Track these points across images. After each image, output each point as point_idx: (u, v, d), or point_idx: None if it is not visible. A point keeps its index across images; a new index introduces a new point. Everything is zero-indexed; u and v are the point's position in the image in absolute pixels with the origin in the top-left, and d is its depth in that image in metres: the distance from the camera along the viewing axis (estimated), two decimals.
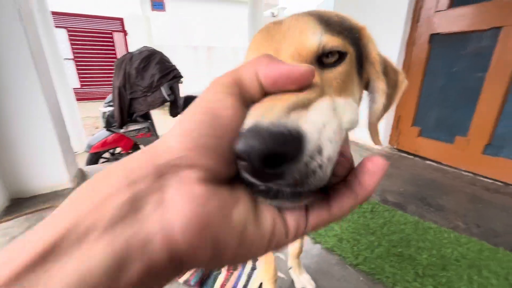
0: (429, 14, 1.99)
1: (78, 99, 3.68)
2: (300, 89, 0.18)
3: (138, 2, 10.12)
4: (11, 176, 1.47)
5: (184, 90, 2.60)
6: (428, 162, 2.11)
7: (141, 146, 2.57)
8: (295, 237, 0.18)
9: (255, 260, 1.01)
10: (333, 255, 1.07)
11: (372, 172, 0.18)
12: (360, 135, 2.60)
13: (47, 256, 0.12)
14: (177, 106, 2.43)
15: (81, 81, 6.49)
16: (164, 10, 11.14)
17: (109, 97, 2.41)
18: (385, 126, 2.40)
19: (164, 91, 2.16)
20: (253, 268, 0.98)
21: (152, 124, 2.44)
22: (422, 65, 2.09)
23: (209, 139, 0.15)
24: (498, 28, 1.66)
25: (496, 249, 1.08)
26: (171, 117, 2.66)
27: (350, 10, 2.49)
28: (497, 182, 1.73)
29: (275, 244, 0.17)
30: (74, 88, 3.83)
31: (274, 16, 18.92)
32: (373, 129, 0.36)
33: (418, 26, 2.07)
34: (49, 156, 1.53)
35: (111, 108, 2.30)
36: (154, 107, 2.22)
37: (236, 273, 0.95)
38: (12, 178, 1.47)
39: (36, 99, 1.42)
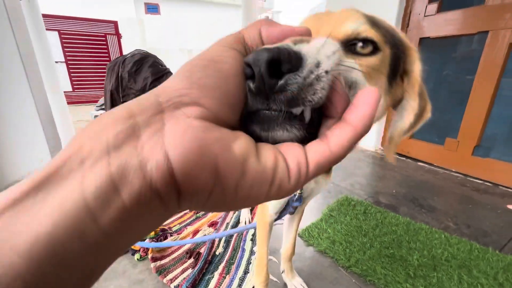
0: (418, 18, 2.04)
1: (70, 103, 3.64)
2: None
3: (132, 5, 10.11)
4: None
5: None
6: (419, 163, 2.14)
7: None
8: (297, 180, 0.16)
9: (249, 263, 1.01)
10: (325, 257, 1.07)
11: (367, 100, 0.17)
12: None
13: (46, 180, 0.12)
14: None
15: (73, 84, 6.41)
16: (159, 13, 11.14)
17: (101, 101, 2.40)
18: (377, 128, 2.42)
19: None
20: (246, 272, 0.98)
21: None
22: None
23: (210, 79, 0.15)
24: (485, 32, 1.70)
25: (486, 249, 1.10)
26: None
27: None
28: (486, 183, 1.76)
29: (278, 186, 0.16)
30: (66, 92, 3.79)
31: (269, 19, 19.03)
32: (392, 144, 0.36)
33: (408, 30, 2.11)
34: (39, 161, 1.50)
35: (102, 112, 2.28)
36: None
37: (228, 277, 0.94)
38: (1, 188, 1.44)
39: (25, 102, 1.40)
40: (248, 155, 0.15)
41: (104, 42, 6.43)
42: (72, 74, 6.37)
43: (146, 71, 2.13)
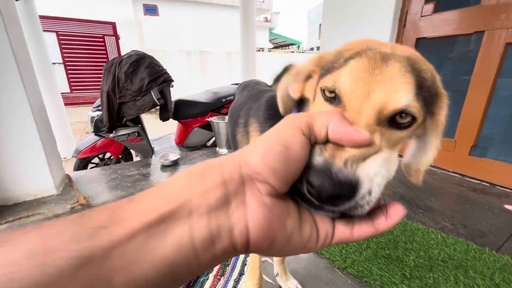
0: (414, 19, 2.04)
1: (68, 104, 3.62)
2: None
3: (130, 7, 10.11)
4: None
5: (177, 94, 2.59)
6: None
7: (131, 151, 2.54)
8: (322, 246, 0.23)
9: (243, 265, 1.00)
10: (321, 259, 1.06)
11: (394, 215, 0.23)
12: None
13: (159, 223, 0.17)
14: (167, 110, 2.41)
15: (71, 86, 6.40)
16: (157, 15, 11.15)
17: (98, 102, 2.38)
18: None
19: (154, 95, 2.14)
20: (241, 274, 0.97)
21: (142, 129, 2.41)
22: None
23: (279, 165, 0.20)
24: (481, 32, 1.70)
25: (482, 250, 1.09)
26: (161, 122, 2.64)
27: (338, 16, 2.53)
28: (483, 183, 1.76)
29: (307, 248, 0.23)
30: (64, 93, 3.78)
31: (267, 21, 19.12)
32: (416, 173, 0.37)
33: (405, 30, 2.11)
34: (33, 162, 1.49)
35: (99, 113, 2.27)
36: (143, 111, 2.20)
37: (223, 279, 0.94)
38: None
39: (20, 103, 1.39)
40: (294, 231, 0.21)
41: (102, 43, 6.42)
42: (70, 76, 6.35)
43: (143, 72, 2.12)
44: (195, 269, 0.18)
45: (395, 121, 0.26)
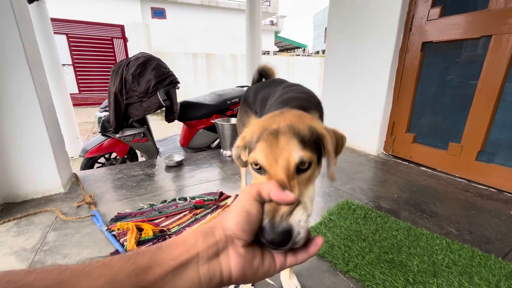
0: (421, 22, 2.03)
1: (76, 104, 3.70)
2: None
3: (139, 10, 10.29)
4: (2, 180, 1.46)
5: (183, 95, 2.62)
6: (422, 168, 2.11)
7: (137, 151, 2.57)
8: (279, 271, 0.35)
9: None
10: (323, 261, 1.06)
11: (317, 243, 0.36)
12: (358, 143, 2.61)
13: (181, 267, 0.29)
14: (173, 111, 2.44)
15: (80, 87, 6.52)
16: (165, 18, 11.30)
17: (105, 102, 2.42)
18: (380, 132, 2.41)
19: (160, 96, 2.17)
20: None
21: (148, 129, 2.45)
22: (415, 72, 2.11)
23: (246, 226, 0.31)
24: (488, 37, 1.69)
25: (488, 256, 1.07)
26: (167, 123, 2.67)
27: (343, 20, 2.54)
28: (490, 189, 1.73)
29: (269, 274, 0.35)
30: (73, 94, 3.85)
31: (273, 25, 19.20)
32: (331, 174, 0.52)
33: (410, 34, 2.11)
34: (42, 161, 1.52)
35: (106, 113, 2.31)
36: (150, 112, 2.23)
37: None
38: (3, 183, 1.47)
39: (30, 103, 1.43)
40: (259, 267, 0.33)
41: (111, 46, 6.54)
42: (79, 77, 6.48)
43: (150, 73, 2.16)
44: None
45: (300, 168, 0.40)
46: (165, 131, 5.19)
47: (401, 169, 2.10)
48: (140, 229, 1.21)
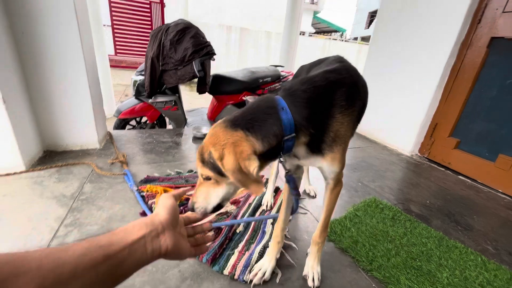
0: (494, 14, 1.77)
1: (111, 66, 3.80)
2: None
3: None
4: (47, 129, 1.56)
5: (213, 69, 2.58)
6: (461, 177, 1.96)
7: (166, 119, 2.63)
8: (194, 254, 0.54)
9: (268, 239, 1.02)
10: (345, 256, 1.03)
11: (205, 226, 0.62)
12: (391, 141, 2.46)
13: (134, 244, 0.40)
14: (205, 83, 2.42)
15: (116, 48, 6.68)
16: None
17: (141, 66, 2.46)
18: (418, 132, 2.24)
19: (195, 66, 2.15)
20: (265, 247, 0.98)
21: (179, 98, 2.47)
22: (475, 71, 1.88)
23: (174, 217, 0.49)
24: None
25: None
26: (195, 95, 2.67)
27: (398, 3, 2.28)
28: None
29: (186, 255, 0.51)
30: (109, 55, 3.95)
31: (313, 3, 18.05)
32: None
33: (478, 27, 1.85)
34: (82, 116, 1.60)
35: (142, 77, 2.35)
36: (183, 81, 2.23)
37: (247, 253, 0.95)
38: (48, 132, 1.57)
39: (77, 60, 1.47)
40: (183, 246, 0.49)
41: (148, 10, 6.53)
42: (116, 39, 6.61)
43: (188, 41, 2.12)
44: (144, 262, 0.41)
45: (207, 177, 0.61)
46: (192, 102, 5.25)
47: (436, 175, 1.96)
48: None
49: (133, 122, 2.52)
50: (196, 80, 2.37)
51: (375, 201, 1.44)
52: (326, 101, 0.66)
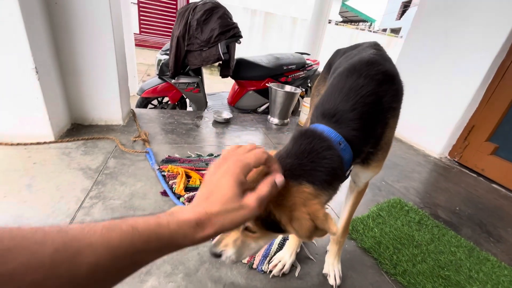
0: None
1: (135, 45, 3.82)
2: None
3: None
4: (75, 103, 1.59)
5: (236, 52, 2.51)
6: (495, 185, 1.82)
7: (187, 101, 2.62)
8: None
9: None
10: (367, 257, 0.99)
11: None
12: (418, 141, 2.33)
13: (162, 216, 0.33)
14: (229, 67, 2.37)
15: (141, 27, 6.71)
16: None
17: (167, 46, 2.43)
18: (450, 134, 2.09)
19: (220, 48, 2.09)
20: (285, 238, 0.96)
21: (201, 81, 2.44)
22: None
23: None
24: None
25: None
26: (215, 79, 2.63)
27: None
28: None
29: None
30: (134, 33, 3.97)
31: None
32: None
33: None
34: (108, 92, 1.61)
35: (167, 57, 2.33)
36: (207, 63, 2.19)
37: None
38: (75, 105, 1.60)
39: (106, 36, 1.46)
40: None
41: None
42: (141, 17, 6.63)
43: (215, 22, 2.06)
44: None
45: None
46: (212, 86, 5.23)
47: (467, 181, 1.84)
48: (188, 176, 1.25)
49: (155, 102, 2.54)
50: (217, 64, 2.32)
51: (399, 202, 1.37)
52: (378, 110, 0.56)
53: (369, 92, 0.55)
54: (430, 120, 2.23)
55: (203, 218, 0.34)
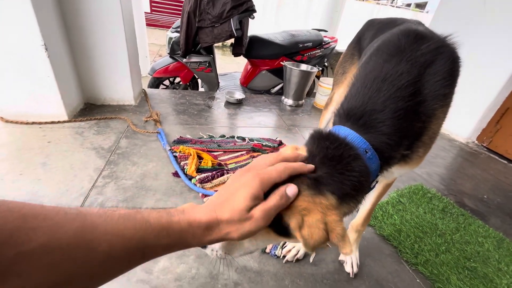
0: None
1: (147, 25, 3.73)
2: None
3: None
4: (87, 83, 1.57)
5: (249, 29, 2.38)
6: None
7: (198, 81, 2.56)
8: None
9: None
10: (387, 245, 0.94)
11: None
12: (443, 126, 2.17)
13: (173, 212, 0.34)
14: (242, 44, 2.26)
15: (152, 6, 6.55)
16: None
17: (177, 22, 2.34)
18: (481, 117, 1.93)
19: (233, 24, 1.98)
20: None
21: (213, 60, 2.35)
22: None
23: None
24: None
25: None
26: (227, 59, 2.53)
27: None
28: None
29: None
30: (145, 13, 3.86)
31: None
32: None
33: None
34: (119, 71, 1.58)
35: (177, 35, 2.25)
36: (219, 41, 2.09)
37: None
38: (87, 85, 1.58)
39: (115, 14, 1.41)
40: None
41: None
42: None
43: None
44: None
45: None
46: (224, 66, 5.10)
47: (497, 167, 1.71)
48: (199, 157, 1.22)
49: (166, 82, 2.50)
50: (229, 44, 2.21)
51: (422, 188, 1.28)
52: (419, 102, 0.46)
53: (408, 82, 0.45)
54: (458, 102, 2.05)
55: (214, 223, 0.34)
